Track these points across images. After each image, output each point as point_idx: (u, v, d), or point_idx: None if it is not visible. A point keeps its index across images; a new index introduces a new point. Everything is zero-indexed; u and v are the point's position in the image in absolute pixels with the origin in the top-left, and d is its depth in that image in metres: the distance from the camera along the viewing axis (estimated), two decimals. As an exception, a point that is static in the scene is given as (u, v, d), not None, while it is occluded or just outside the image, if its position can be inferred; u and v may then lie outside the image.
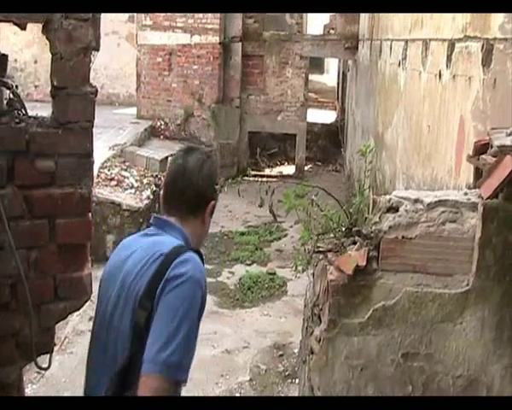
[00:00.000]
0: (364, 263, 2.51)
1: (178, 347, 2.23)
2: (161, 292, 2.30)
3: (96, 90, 2.52)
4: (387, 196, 2.58)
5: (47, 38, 2.45)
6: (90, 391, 2.53)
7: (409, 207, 2.50)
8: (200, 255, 2.51)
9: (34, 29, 2.50)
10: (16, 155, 2.45)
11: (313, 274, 2.78)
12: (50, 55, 2.47)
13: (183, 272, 2.33)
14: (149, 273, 2.36)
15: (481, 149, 2.73)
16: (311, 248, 2.74)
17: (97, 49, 2.52)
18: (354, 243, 2.61)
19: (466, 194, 2.57)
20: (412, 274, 2.58)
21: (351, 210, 2.90)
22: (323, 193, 3.64)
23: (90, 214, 2.63)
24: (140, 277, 2.39)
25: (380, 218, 2.51)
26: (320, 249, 2.67)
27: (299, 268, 3.20)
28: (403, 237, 2.51)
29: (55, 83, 2.48)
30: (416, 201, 2.52)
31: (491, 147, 2.60)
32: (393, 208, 2.51)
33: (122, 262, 2.51)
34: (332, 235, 2.77)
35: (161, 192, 2.71)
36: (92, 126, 2.55)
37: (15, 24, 2.45)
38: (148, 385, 2.20)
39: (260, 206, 5.59)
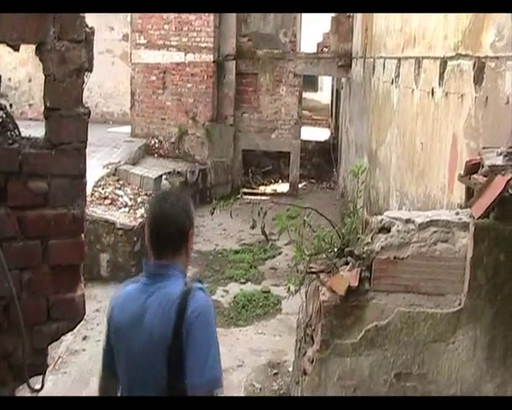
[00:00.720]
0: (357, 284, 2.51)
1: (213, 370, 2.78)
2: (187, 331, 2.76)
3: (89, 111, 2.53)
4: (379, 217, 2.58)
5: (40, 60, 2.46)
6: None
7: (401, 228, 2.51)
8: (199, 281, 3.02)
9: (28, 48, 2.51)
10: (9, 175, 2.45)
11: (306, 295, 2.78)
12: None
13: (196, 308, 2.80)
14: (172, 320, 2.79)
15: (473, 168, 2.74)
16: (304, 268, 2.74)
17: (90, 70, 2.53)
18: (346, 263, 2.61)
19: (457, 213, 2.58)
20: (404, 294, 2.58)
21: (343, 230, 2.90)
22: (316, 212, 3.66)
23: (82, 235, 2.63)
24: (163, 326, 2.80)
25: (372, 238, 2.52)
26: (312, 270, 2.67)
27: (292, 289, 3.20)
28: (395, 258, 2.51)
29: (48, 104, 2.49)
30: (408, 221, 2.53)
31: (483, 166, 2.61)
32: (385, 229, 2.52)
33: (141, 315, 2.88)
34: (324, 255, 2.77)
35: (146, 239, 2.99)
36: (85, 147, 2.55)
37: (9, 45, 2.46)
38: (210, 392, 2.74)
39: (252, 227, 5.66)
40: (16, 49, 2.49)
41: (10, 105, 11.62)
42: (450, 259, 2.50)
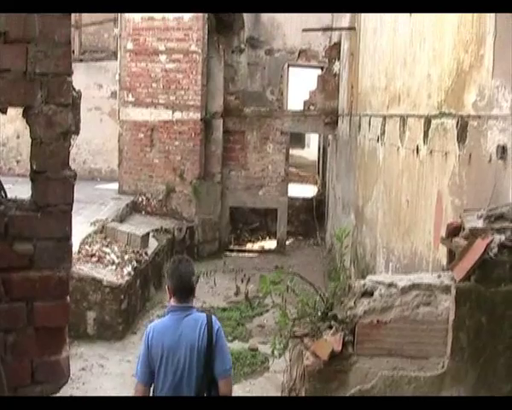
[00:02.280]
0: (340, 348, 2.52)
1: (229, 361, 4.80)
2: (216, 342, 4.65)
3: (75, 174, 2.54)
4: (362, 281, 2.60)
5: (27, 123, 2.49)
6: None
7: (383, 292, 2.52)
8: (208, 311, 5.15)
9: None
10: (-6, 237, 2.46)
11: (290, 359, 2.78)
12: (32, 135, 2.51)
13: (218, 327, 4.76)
14: (205, 336, 4.64)
15: (454, 231, 2.77)
16: (288, 332, 2.74)
17: (77, 134, 2.56)
18: (330, 327, 2.61)
19: (439, 276, 2.59)
20: (388, 358, 2.58)
21: (327, 294, 2.91)
22: (302, 273, 3.68)
23: (68, 297, 2.62)
24: (200, 339, 4.62)
25: (355, 303, 2.53)
26: (296, 334, 2.67)
27: (276, 353, 3.19)
28: (378, 322, 2.52)
29: (34, 167, 2.50)
30: (391, 285, 2.54)
31: (463, 229, 2.64)
32: (368, 293, 2.54)
33: (177, 334, 4.66)
34: (308, 319, 2.78)
35: (173, 288, 4.79)
36: (71, 209, 2.56)
37: (-4, 108, 2.49)
38: (228, 381, 4.71)
39: (236, 294, 5.83)
40: (4, 111, 2.51)
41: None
42: (433, 322, 2.51)
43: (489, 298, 2.50)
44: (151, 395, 4.77)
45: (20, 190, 3.05)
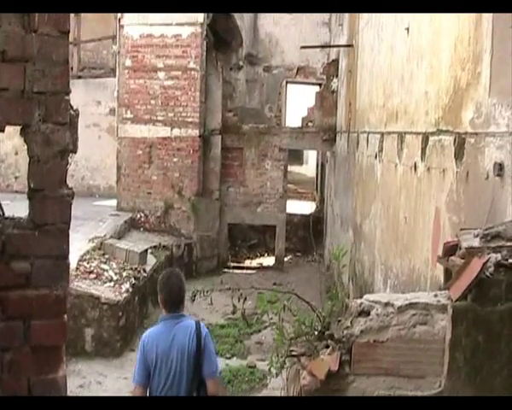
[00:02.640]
0: (337, 368, 2.51)
1: (217, 364, 5.30)
2: (204, 346, 5.11)
3: (73, 193, 2.54)
4: (358, 301, 2.60)
5: (25, 141, 2.49)
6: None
7: (380, 311, 2.51)
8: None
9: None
10: (-9, 256, 2.45)
11: (287, 378, 2.77)
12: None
13: (206, 332, 5.24)
14: (195, 341, 5.11)
15: (450, 250, 2.77)
16: (285, 352, 2.73)
17: (74, 152, 2.56)
18: (327, 346, 2.61)
19: (436, 296, 2.59)
20: (384, 377, 2.58)
21: (323, 313, 2.91)
22: (299, 292, 3.69)
23: (65, 316, 2.61)
24: (190, 344, 5.10)
25: (351, 322, 2.53)
26: (293, 353, 2.66)
27: (273, 372, 3.18)
28: (374, 341, 2.52)
29: (31, 185, 2.50)
30: (387, 304, 2.54)
31: (460, 248, 2.64)
32: (365, 312, 2.53)
33: (169, 339, 5.12)
34: (305, 338, 2.77)
35: (164, 300, 5.27)
36: (69, 228, 2.56)
37: (-6, 127, 2.49)
38: (215, 382, 5.16)
39: (233, 313, 5.82)
40: (1, 130, 2.52)
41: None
42: (430, 341, 2.50)
43: (485, 317, 2.49)
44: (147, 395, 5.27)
45: (19, 207, 3.06)
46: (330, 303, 3.09)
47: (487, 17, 4.51)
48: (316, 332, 2.80)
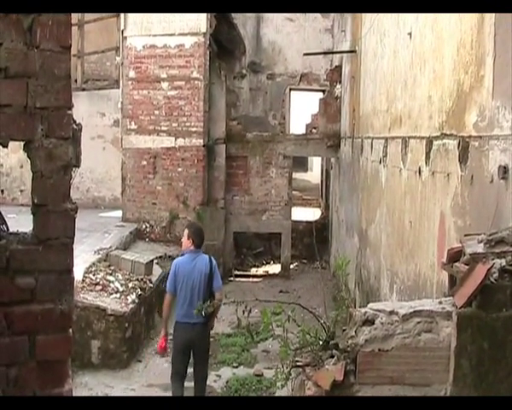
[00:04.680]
0: (342, 378, 2.49)
1: (221, 281, 8.61)
2: (214, 269, 8.26)
3: (77, 207, 2.55)
4: (363, 310, 2.59)
5: (28, 157, 2.50)
6: (191, 307, 7.76)
7: (384, 320, 2.50)
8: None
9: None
10: (-4, 272, 2.46)
11: (292, 389, 2.76)
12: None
13: (215, 262, 8.44)
14: (208, 266, 8.22)
15: (455, 256, 2.76)
16: (290, 362, 2.72)
17: (78, 166, 2.56)
18: (332, 356, 2.59)
19: (441, 303, 2.58)
20: (390, 386, 2.56)
21: (328, 323, 2.90)
22: (303, 301, 3.69)
23: (70, 330, 2.61)
24: (205, 268, 8.18)
25: (356, 332, 2.51)
26: (298, 364, 2.65)
27: (279, 384, 3.17)
28: (379, 350, 2.50)
29: (35, 200, 2.51)
30: (392, 313, 2.52)
31: (464, 255, 2.63)
32: (369, 321, 2.52)
33: (192, 266, 8.17)
34: (310, 348, 2.76)
35: (193, 240, 8.36)
36: (73, 243, 2.56)
37: (-3, 142, 2.50)
38: (220, 292, 8.29)
39: (238, 326, 5.91)
40: (5, 145, 2.53)
41: (2, 191, 11.72)
42: (435, 349, 2.49)
43: (490, 324, 2.48)
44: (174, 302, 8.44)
45: (25, 220, 3.06)
46: (335, 312, 3.07)
47: (489, 21, 4.52)
48: (320, 342, 2.79)
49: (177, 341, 8.29)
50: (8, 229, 2.59)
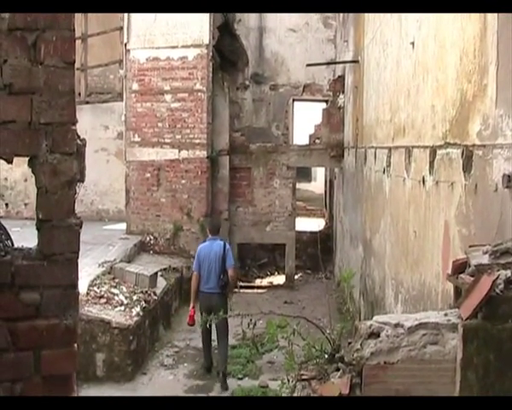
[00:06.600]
0: (347, 391, 2.49)
1: (233, 260, 11.07)
2: (226, 252, 10.71)
3: (81, 222, 2.56)
4: (368, 322, 2.58)
5: (32, 172, 2.51)
6: (209, 280, 10.64)
7: (390, 332, 2.49)
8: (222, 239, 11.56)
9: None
10: (1, 287, 2.46)
11: (298, 403, 2.75)
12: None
13: (228, 246, 10.99)
14: (222, 249, 10.68)
15: (460, 267, 2.75)
16: (295, 375, 2.71)
17: (82, 181, 2.57)
18: (337, 369, 2.58)
19: (446, 314, 2.57)
20: (396, 399, 2.55)
21: (333, 335, 2.89)
22: (308, 312, 3.68)
23: (75, 345, 2.61)
24: (220, 251, 10.65)
25: (361, 344, 2.50)
26: (304, 377, 2.64)
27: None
28: (385, 363, 2.49)
29: (40, 216, 2.52)
30: (397, 325, 2.52)
31: (469, 266, 2.62)
32: (374, 334, 2.51)
33: (210, 249, 10.71)
34: (315, 362, 2.75)
35: (209, 229, 11.37)
36: (77, 258, 2.57)
37: (2, 158, 2.51)
38: (233, 270, 10.93)
39: (243, 338, 5.88)
40: (10, 161, 2.54)
41: (6, 205, 11.77)
42: (441, 361, 2.48)
43: (496, 335, 2.47)
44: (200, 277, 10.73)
45: (29, 233, 3.06)
46: (340, 325, 3.06)
47: (492, 29, 4.52)
48: (326, 355, 2.78)
49: (201, 305, 10.60)
50: (12, 244, 2.60)
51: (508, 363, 2.51)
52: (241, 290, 16.70)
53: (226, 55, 17.40)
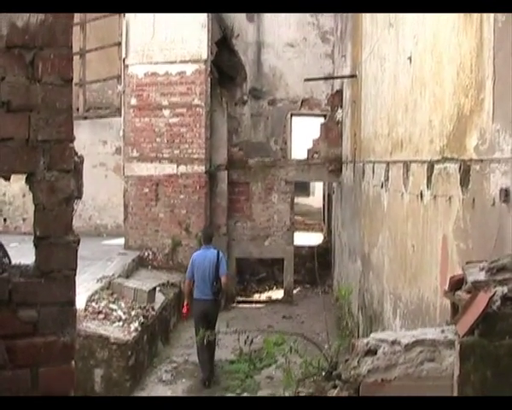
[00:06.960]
0: (344, 410, 2.48)
1: (226, 268, 11.57)
2: (220, 260, 11.27)
3: (79, 239, 2.56)
4: (365, 340, 2.57)
5: (30, 190, 2.51)
6: (203, 287, 11.18)
7: (387, 350, 2.49)
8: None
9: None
10: (-2, 304, 2.46)
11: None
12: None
13: (221, 254, 11.55)
14: (216, 257, 11.24)
15: (457, 284, 2.75)
16: (293, 393, 2.71)
17: (80, 198, 2.58)
18: (335, 386, 2.58)
19: (443, 331, 2.57)
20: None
21: (330, 353, 2.89)
22: (306, 327, 3.67)
23: (73, 362, 2.61)
24: (213, 259, 11.20)
25: (358, 362, 2.50)
26: (301, 395, 2.64)
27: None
28: (382, 380, 2.49)
29: (37, 233, 2.52)
30: (394, 342, 2.51)
31: (466, 282, 2.62)
32: (371, 351, 2.51)
33: (204, 257, 11.26)
34: (312, 379, 2.75)
35: (202, 238, 12.10)
36: (75, 275, 2.57)
37: (0, 175, 2.52)
38: (225, 277, 11.41)
39: (240, 354, 5.83)
40: (7, 179, 2.55)
41: (4, 220, 11.76)
42: (438, 378, 2.47)
43: (493, 352, 2.47)
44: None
45: (27, 248, 3.06)
46: (337, 342, 3.06)
47: (489, 44, 4.54)
48: (323, 372, 2.78)
49: (195, 312, 11.22)
50: (10, 261, 2.60)
51: (505, 380, 2.50)
52: (240, 305, 16.68)
53: (224, 70, 17.45)
